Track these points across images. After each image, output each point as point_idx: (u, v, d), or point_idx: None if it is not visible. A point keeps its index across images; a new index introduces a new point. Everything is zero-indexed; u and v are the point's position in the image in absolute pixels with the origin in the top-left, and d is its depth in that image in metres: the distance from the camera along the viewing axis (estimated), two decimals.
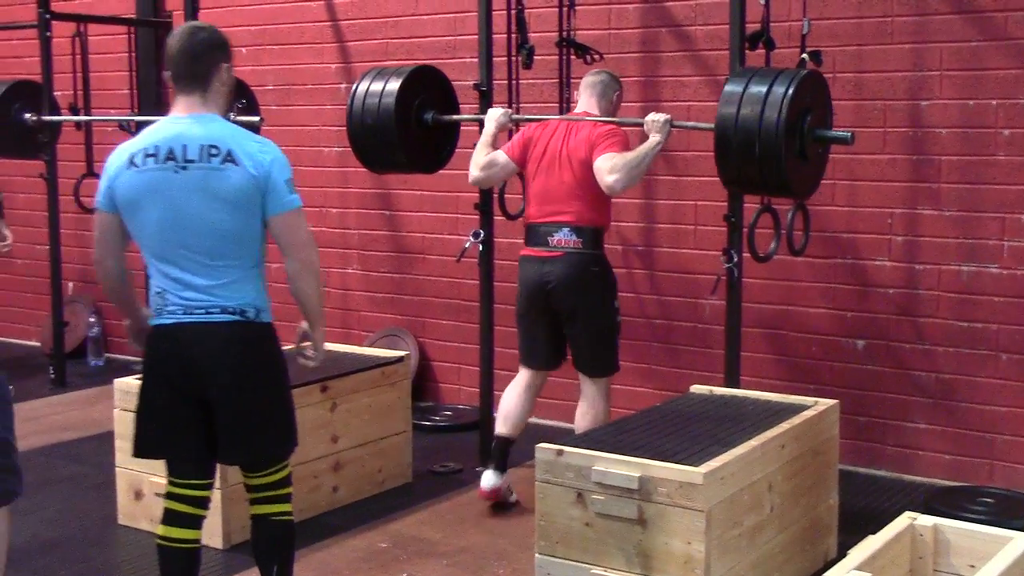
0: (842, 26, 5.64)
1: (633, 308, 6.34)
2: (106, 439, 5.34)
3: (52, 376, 7.59)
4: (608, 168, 4.79)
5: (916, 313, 5.59)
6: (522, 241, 5.01)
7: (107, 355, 8.34)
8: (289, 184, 3.53)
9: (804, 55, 5.11)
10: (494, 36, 5.79)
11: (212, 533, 4.74)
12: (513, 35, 5.90)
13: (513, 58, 5.91)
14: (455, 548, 4.78)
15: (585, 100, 5.18)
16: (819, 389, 5.64)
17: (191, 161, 3.48)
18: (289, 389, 3.76)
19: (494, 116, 5.30)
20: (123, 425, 4.99)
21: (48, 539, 4.91)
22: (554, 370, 5.28)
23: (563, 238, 4.93)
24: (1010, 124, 5.31)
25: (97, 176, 7.43)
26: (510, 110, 5.46)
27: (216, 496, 4.69)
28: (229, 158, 3.47)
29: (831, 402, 4.64)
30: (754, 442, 4.01)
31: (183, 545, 3.69)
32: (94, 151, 7.60)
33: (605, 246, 5.07)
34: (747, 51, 5.01)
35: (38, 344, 8.67)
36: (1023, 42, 5.27)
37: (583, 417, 5.06)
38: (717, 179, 4.81)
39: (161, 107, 7.94)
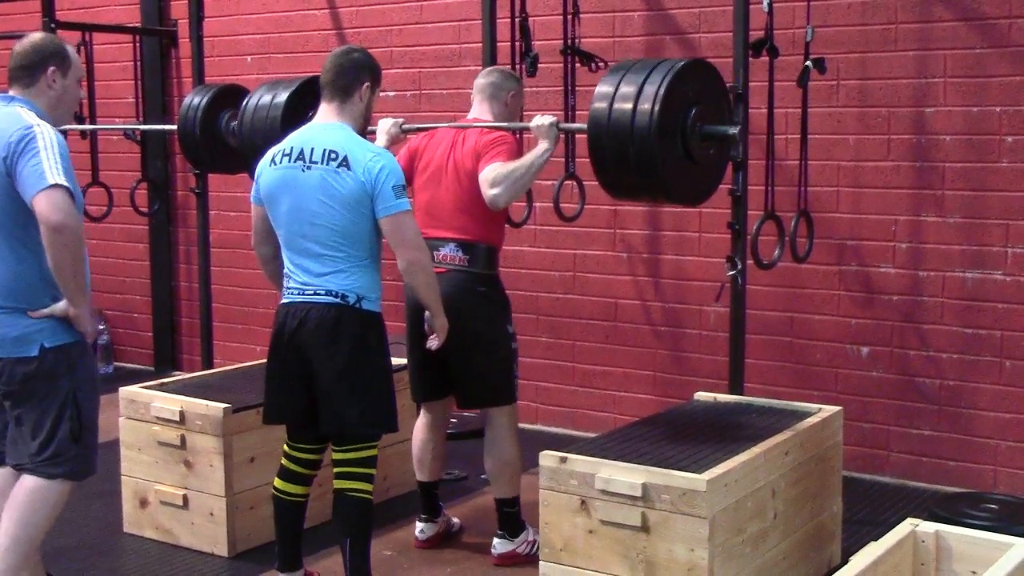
0: (846, 33, 5.65)
1: (638, 315, 6.36)
2: (112, 447, 5.33)
3: None
4: (491, 180, 4.43)
5: (920, 320, 5.59)
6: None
7: (115, 363, 8.37)
8: (396, 190, 3.95)
9: (808, 62, 5.12)
10: (498, 44, 5.80)
11: (217, 541, 4.77)
12: (517, 43, 5.91)
13: (517, 66, 5.92)
14: (460, 556, 4.79)
15: (476, 106, 4.78)
16: (823, 396, 5.64)
17: (315, 163, 3.97)
18: (385, 375, 4.10)
19: (384, 128, 4.85)
20: (128, 433, 5.01)
21: (53, 547, 4.90)
22: (447, 397, 4.85)
23: (449, 254, 4.55)
24: (1014, 131, 5.32)
25: (102, 185, 7.54)
26: (401, 120, 4.91)
27: (221, 504, 4.73)
28: (344, 163, 3.93)
29: (835, 409, 4.64)
30: (757, 449, 4.01)
31: (292, 498, 4.24)
32: (99, 160, 7.62)
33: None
34: (751, 58, 5.01)
35: None
36: None
37: (488, 459, 4.71)
38: (721, 186, 4.73)
39: (166, 115, 7.98)
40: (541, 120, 4.55)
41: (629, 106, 4.10)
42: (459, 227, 4.58)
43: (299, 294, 4.02)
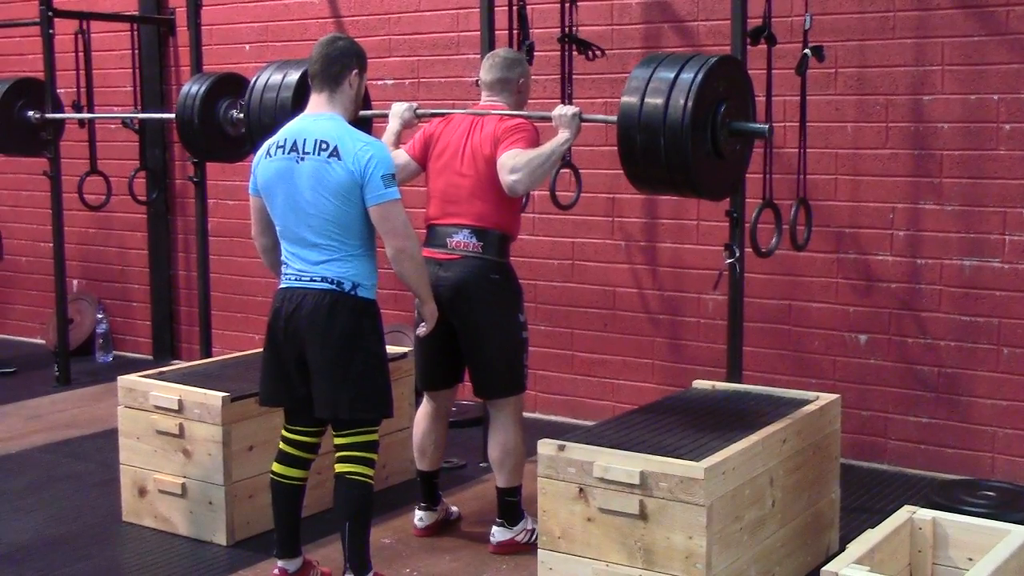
0: (844, 21, 5.64)
1: (636, 303, 6.36)
2: (110, 436, 5.36)
3: (56, 373, 7.60)
4: (510, 167, 4.41)
5: (918, 307, 5.60)
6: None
7: (114, 352, 8.37)
8: (386, 179, 3.98)
9: (806, 50, 5.11)
10: (496, 32, 5.79)
11: (216, 529, 4.78)
12: (515, 31, 5.90)
13: None
14: (458, 544, 4.80)
15: (486, 98, 4.75)
16: (821, 383, 5.65)
17: (308, 153, 4.02)
18: (379, 361, 4.16)
19: (398, 112, 4.86)
20: (127, 422, 5.01)
21: (52, 536, 4.93)
22: (453, 387, 4.88)
23: (463, 240, 4.54)
24: (1012, 119, 5.31)
25: (100, 174, 7.54)
26: (415, 104, 4.93)
27: (220, 493, 4.74)
28: (335, 153, 3.98)
29: (833, 396, 4.65)
30: (755, 437, 4.02)
31: (290, 482, 4.28)
32: (97, 148, 7.61)
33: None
34: (749, 46, 5.01)
35: (43, 342, 8.69)
36: None
37: (492, 448, 4.71)
38: None
39: (164, 104, 7.97)
40: (563, 110, 4.52)
41: (661, 100, 4.08)
42: (474, 213, 4.56)
43: (295, 280, 4.09)
